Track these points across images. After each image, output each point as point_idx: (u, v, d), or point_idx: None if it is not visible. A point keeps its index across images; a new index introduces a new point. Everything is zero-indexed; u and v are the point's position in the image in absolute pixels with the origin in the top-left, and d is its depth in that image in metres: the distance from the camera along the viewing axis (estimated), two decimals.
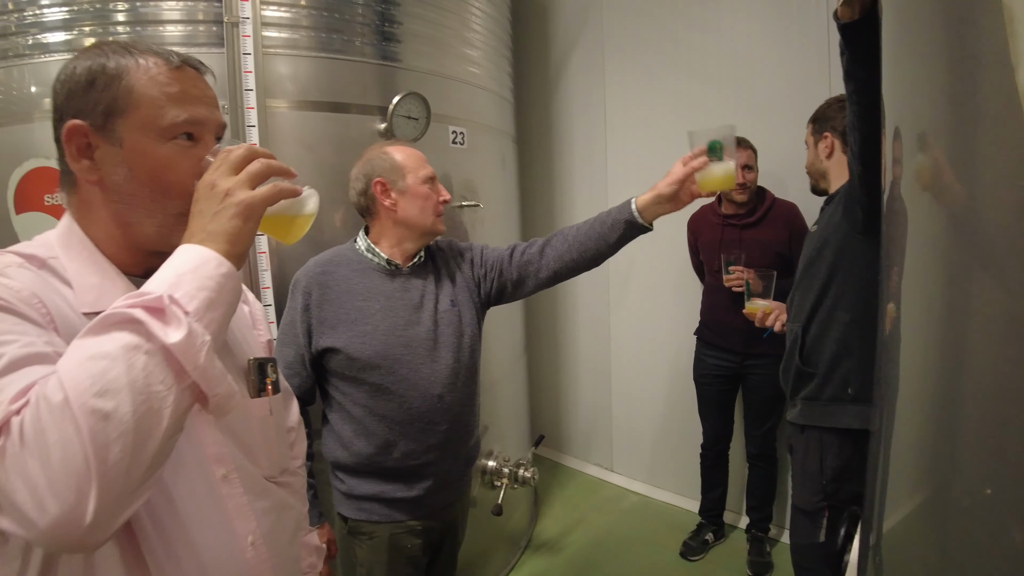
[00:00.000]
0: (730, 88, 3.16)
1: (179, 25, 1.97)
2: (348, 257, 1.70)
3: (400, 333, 1.63)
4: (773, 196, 2.85)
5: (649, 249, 3.52)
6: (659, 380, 3.62)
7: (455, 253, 1.82)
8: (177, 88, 0.83)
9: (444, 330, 1.69)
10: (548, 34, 3.94)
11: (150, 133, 0.81)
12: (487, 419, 2.86)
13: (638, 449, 3.85)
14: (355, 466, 1.67)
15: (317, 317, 1.63)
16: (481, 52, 2.77)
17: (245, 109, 1.99)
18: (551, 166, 4.05)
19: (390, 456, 1.64)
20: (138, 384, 0.63)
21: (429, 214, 1.66)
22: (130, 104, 0.80)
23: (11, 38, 1.96)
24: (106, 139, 0.81)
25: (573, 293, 4.06)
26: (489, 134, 2.88)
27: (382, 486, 1.66)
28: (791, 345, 1.96)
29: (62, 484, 0.60)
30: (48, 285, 0.79)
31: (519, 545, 3.21)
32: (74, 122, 0.80)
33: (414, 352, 1.63)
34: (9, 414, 0.62)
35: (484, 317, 1.84)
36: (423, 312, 1.67)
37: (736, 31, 3.12)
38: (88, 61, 0.82)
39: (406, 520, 1.68)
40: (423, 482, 1.68)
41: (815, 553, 1.88)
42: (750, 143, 2.76)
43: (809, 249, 1.95)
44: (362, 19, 2.23)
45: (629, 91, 3.60)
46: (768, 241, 2.75)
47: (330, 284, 1.64)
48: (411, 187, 1.64)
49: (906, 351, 0.83)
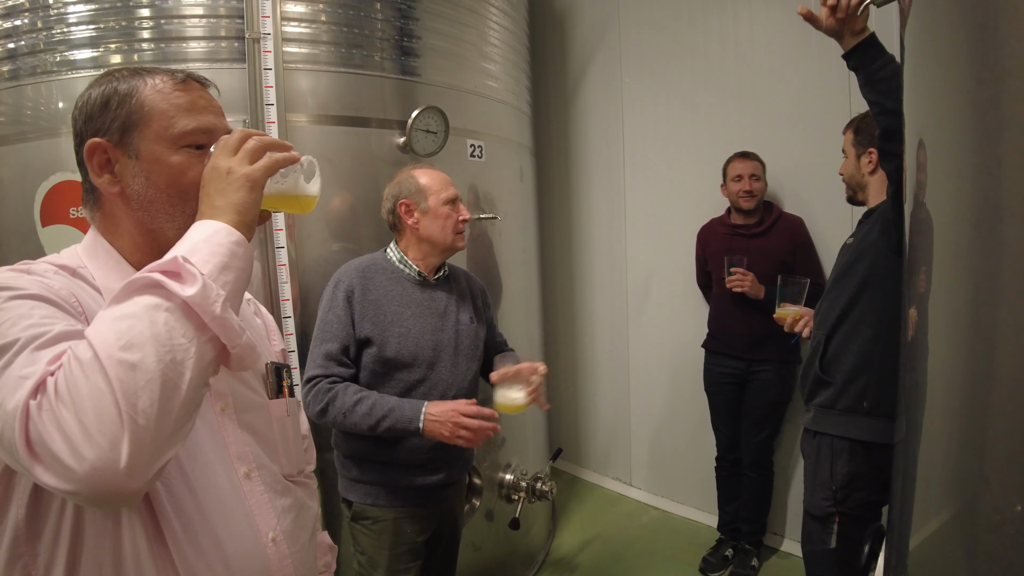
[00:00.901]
0: (749, 99, 3.15)
1: (202, 41, 2.01)
2: (382, 266, 1.86)
3: (429, 337, 1.80)
4: (780, 209, 2.95)
5: (668, 261, 3.52)
6: (679, 394, 3.59)
7: (472, 283, 2.03)
8: (185, 99, 0.90)
9: (464, 340, 1.87)
10: (566, 47, 3.96)
11: (163, 142, 0.87)
12: (505, 432, 2.85)
13: (658, 463, 3.81)
14: (368, 455, 1.79)
15: (359, 312, 1.77)
16: (499, 66, 2.78)
17: (266, 124, 2.02)
18: (568, 179, 4.06)
19: (403, 447, 1.76)
20: (161, 337, 0.68)
21: (449, 232, 1.83)
22: (143, 118, 0.87)
23: (39, 55, 2.01)
24: (124, 153, 0.87)
25: (591, 305, 4.05)
26: (507, 147, 2.90)
27: (390, 474, 1.79)
28: (812, 352, 1.96)
29: (96, 431, 0.63)
30: (81, 289, 0.84)
31: (536, 560, 3.18)
32: (94, 140, 0.86)
33: (439, 356, 1.81)
34: (45, 374, 0.67)
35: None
36: (447, 321, 1.85)
37: (755, 42, 3.11)
38: (102, 87, 0.89)
39: (410, 507, 1.81)
40: (429, 475, 1.81)
41: (826, 560, 1.88)
42: (756, 155, 2.88)
43: (843, 261, 1.95)
44: (381, 34, 2.26)
45: (647, 104, 3.60)
46: (773, 250, 2.84)
47: (369, 287, 1.80)
48: (432, 208, 1.81)
49: (933, 361, 0.81)
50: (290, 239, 2.09)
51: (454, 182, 1.86)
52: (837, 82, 2.79)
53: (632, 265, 3.78)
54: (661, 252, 3.61)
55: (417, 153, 2.28)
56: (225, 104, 2.00)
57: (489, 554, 2.75)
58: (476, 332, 1.92)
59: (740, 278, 2.72)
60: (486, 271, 2.76)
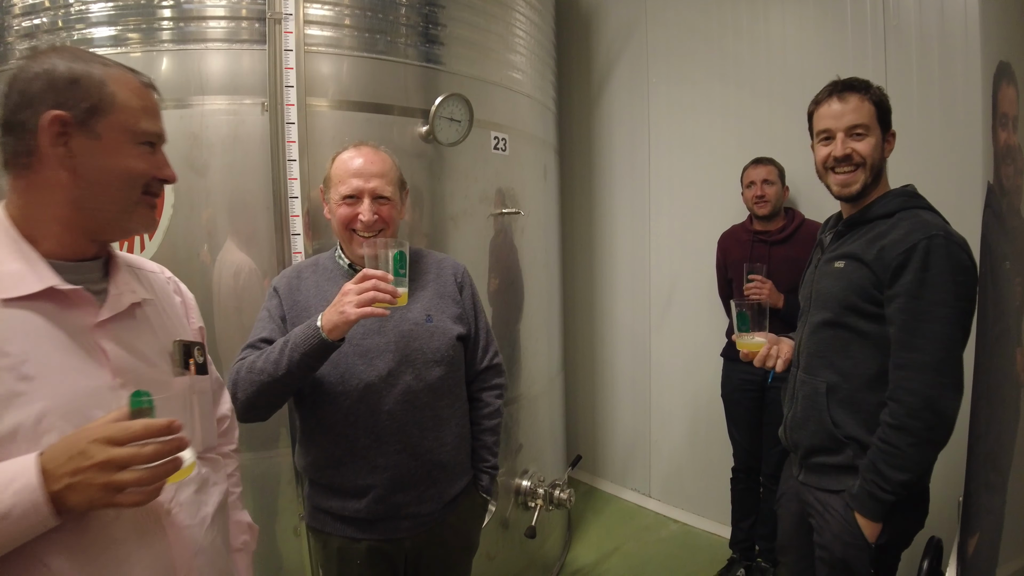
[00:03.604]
0: (779, 100, 3.05)
1: (222, 21, 1.95)
2: (323, 264, 1.66)
3: (358, 342, 1.53)
4: (802, 215, 2.87)
5: (693, 269, 3.42)
6: (701, 405, 3.47)
7: (447, 270, 1.72)
8: (148, 103, 1.00)
9: (410, 343, 1.56)
10: (591, 47, 3.89)
11: (126, 134, 0.96)
12: (522, 438, 2.75)
13: (678, 475, 3.69)
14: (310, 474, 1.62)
15: (289, 314, 1.57)
16: (524, 58, 2.71)
17: (285, 106, 1.96)
18: (592, 180, 3.97)
19: (337, 470, 1.56)
20: None
21: (345, 233, 1.58)
22: (114, 107, 0.95)
23: (58, 33, 1.96)
24: (84, 133, 0.93)
25: (612, 311, 3.95)
26: (531, 143, 2.82)
27: (332, 498, 1.58)
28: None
29: None
30: None
31: (551, 571, 3.07)
32: (57, 112, 0.91)
33: (370, 363, 1.53)
34: None
35: (468, 337, 1.72)
36: (387, 322, 1.55)
37: (786, 41, 3.02)
38: (69, 62, 0.94)
39: (354, 535, 1.57)
40: (368, 502, 1.56)
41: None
42: (771, 160, 2.83)
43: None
44: (406, 20, 2.19)
45: (674, 104, 3.51)
46: (796, 258, 2.72)
47: (300, 287, 1.61)
48: (332, 201, 1.59)
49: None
50: (307, 236, 2.02)
51: (477, 175, 1.66)
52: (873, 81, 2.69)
53: (656, 272, 3.68)
54: (686, 259, 3.51)
55: (440, 142, 2.21)
56: (244, 87, 1.97)
57: (503, 563, 2.65)
58: (431, 333, 1.59)
59: (758, 286, 2.63)
60: (507, 269, 2.67)
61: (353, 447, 1.53)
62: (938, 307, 1.39)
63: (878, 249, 1.50)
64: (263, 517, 2.10)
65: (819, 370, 1.62)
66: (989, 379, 0.88)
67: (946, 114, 2.51)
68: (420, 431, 1.56)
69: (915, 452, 1.41)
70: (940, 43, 2.52)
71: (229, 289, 2.00)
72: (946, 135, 2.50)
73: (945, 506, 2.50)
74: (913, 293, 1.42)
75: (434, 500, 1.60)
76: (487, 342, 1.76)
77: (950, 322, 1.39)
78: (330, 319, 1.37)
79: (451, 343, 1.62)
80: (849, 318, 1.56)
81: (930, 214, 1.52)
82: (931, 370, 1.40)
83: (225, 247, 2.01)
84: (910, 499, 1.49)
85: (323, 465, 1.56)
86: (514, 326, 2.74)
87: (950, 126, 2.50)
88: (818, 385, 1.62)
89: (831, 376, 1.59)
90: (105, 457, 0.79)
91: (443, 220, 2.33)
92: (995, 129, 1.30)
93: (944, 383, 1.39)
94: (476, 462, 1.73)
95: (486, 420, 1.74)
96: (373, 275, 1.36)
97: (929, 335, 1.40)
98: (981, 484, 0.90)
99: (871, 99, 1.62)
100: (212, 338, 2.03)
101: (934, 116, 2.53)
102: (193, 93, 1.96)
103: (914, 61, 2.59)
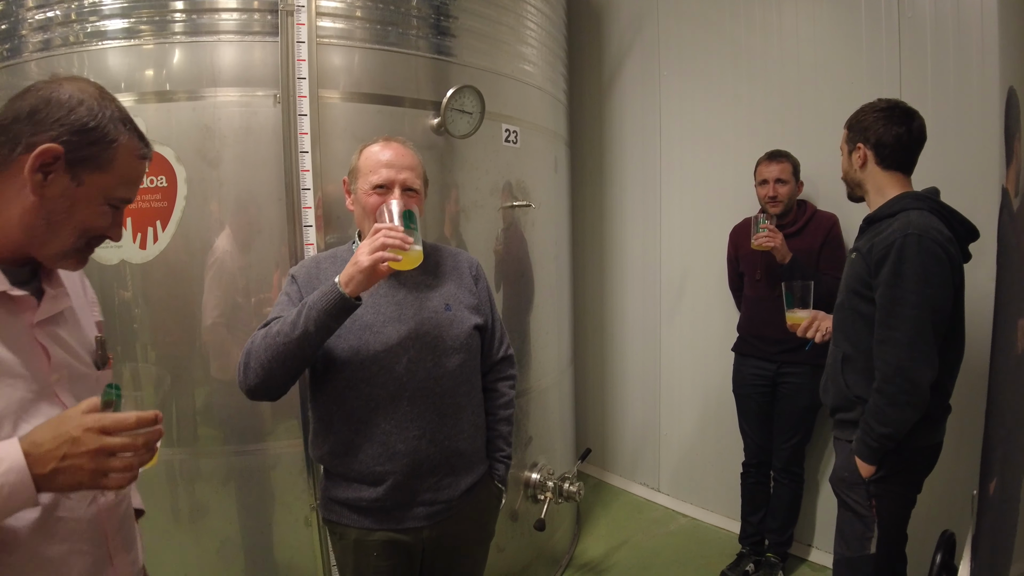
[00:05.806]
0: (793, 95, 3.03)
1: (234, 13, 1.95)
2: (341, 256, 1.64)
3: (379, 329, 1.54)
4: (814, 207, 2.86)
5: (705, 262, 3.41)
6: (712, 399, 3.47)
7: (463, 264, 1.74)
8: (137, 174, 1.05)
9: (430, 331, 1.58)
10: (603, 37, 3.87)
11: (104, 193, 1.00)
12: (531, 430, 2.76)
13: (687, 469, 3.69)
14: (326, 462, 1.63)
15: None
16: (536, 51, 2.70)
17: (297, 98, 1.96)
18: (603, 173, 3.96)
19: (355, 457, 1.55)
20: None
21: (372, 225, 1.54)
22: (111, 168, 0.99)
23: (71, 25, 1.97)
24: (69, 173, 0.96)
25: (622, 305, 3.94)
26: (543, 135, 2.81)
27: (349, 487, 1.58)
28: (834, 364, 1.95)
29: None
30: None
31: (560, 564, 3.08)
32: (55, 146, 0.94)
33: (390, 349, 1.53)
34: None
35: (485, 327, 1.73)
36: (407, 309, 1.57)
37: (800, 34, 2.99)
38: (96, 108, 0.97)
39: (371, 526, 1.57)
40: (385, 489, 1.56)
41: (864, 569, 1.82)
42: (787, 155, 2.79)
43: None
44: (417, 12, 2.19)
45: (685, 97, 3.49)
46: (810, 250, 2.76)
47: (319, 275, 1.60)
48: (360, 192, 1.60)
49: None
50: (319, 228, 2.02)
51: (488, 167, 1.66)
52: (887, 77, 2.66)
53: (667, 265, 3.67)
54: (698, 252, 3.50)
55: (452, 134, 2.20)
56: (256, 79, 1.98)
57: (512, 555, 2.65)
58: (451, 321, 1.61)
59: (770, 235, 2.61)
60: (518, 262, 2.67)
61: (372, 433, 1.54)
62: (909, 294, 1.68)
63: (871, 245, 1.79)
64: (271, 507, 2.12)
65: (840, 342, 1.92)
66: (1007, 371, 0.88)
67: (960, 106, 2.49)
68: (440, 418, 1.57)
69: (892, 411, 1.71)
70: (955, 35, 2.49)
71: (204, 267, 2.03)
72: (961, 129, 2.47)
73: (958, 500, 2.49)
74: (889, 282, 1.71)
75: (451, 488, 1.61)
76: (501, 333, 1.80)
77: (919, 306, 1.68)
78: (346, 272, 1.38)
79: (469, 332, 1.64)
80: (854, 300, 1.85)
81: (920, 214, 1.74)
82: (904, 345, 1.70)
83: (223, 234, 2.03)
84: (901, 459, 1.77)
85: (341, 453, 1.56)
86: (524, 318, 2.74)
87: (964, 118, 2.47)
88: (837, 354, 1.92)
89: (846, 347, 1.88)
90: (99, 445, 0.86)
91: (454, 212, 2.34)
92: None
93: (914, 356, 1.69)
94: (492, 451, 1.75)
95: (501, 410, 1.77)
96: (382, 226, 1.39)
97: (902, 317, 1.70)
98: (996, 476, 0.90)
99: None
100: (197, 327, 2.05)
101: (948, 108, 2.50)
102: (205, 85, 1.97)
103: (929, 53, 2.55)
